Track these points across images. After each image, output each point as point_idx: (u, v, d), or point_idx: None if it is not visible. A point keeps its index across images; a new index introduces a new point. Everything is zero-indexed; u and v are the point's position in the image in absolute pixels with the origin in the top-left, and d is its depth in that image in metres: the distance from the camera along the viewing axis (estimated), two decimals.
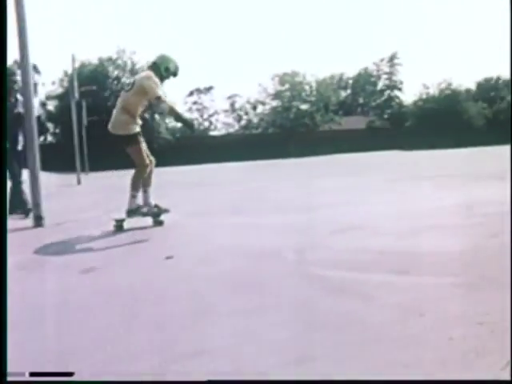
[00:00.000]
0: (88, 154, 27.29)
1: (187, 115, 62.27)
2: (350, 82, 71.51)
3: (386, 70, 67.92)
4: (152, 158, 6.46)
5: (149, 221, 6.25)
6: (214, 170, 25.27)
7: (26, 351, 2.46)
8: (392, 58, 66.79)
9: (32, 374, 2.19)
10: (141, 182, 6.28)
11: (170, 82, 6.46)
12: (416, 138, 50.61)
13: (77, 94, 24.32)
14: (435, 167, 17.25)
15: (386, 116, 61.80)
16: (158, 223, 6.27)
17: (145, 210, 6.31)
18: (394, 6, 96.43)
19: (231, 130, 59.75)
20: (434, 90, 57.49)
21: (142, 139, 6.29)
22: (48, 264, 4.54)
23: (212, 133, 60.02)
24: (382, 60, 67.33)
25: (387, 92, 66.74)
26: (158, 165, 6.61)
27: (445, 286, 3.10)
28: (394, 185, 10.28)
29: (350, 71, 70.90)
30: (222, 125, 60.98)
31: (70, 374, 2.20)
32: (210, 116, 62.22)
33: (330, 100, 54.96)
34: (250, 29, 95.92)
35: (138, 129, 6.27)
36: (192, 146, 44.08)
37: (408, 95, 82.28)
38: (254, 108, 59.15)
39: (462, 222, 5.33)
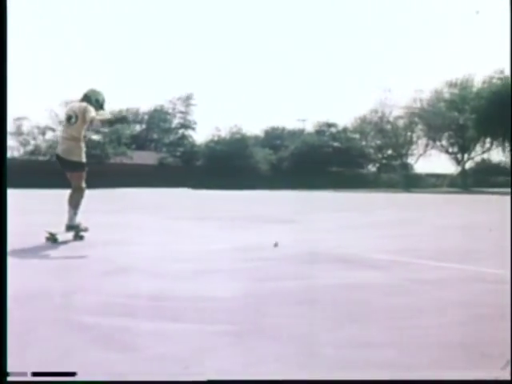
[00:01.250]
0: None
1: None
2: (146, 117, 71.78)
3: (182, 109, 69.48)
4: None
5: None
6: None
7: None
8: (188, 98, 68.57)
9: (34, 374, 2.24)
10: (81, 203, 7.29)
11: None
12: (206, 177, 52.08)
13: None
14: (222, 208, 17.73)
15: (178, 154, 62.79)
16: (79, 238, 7.22)
17: (83, 226, 7.30)
18: (193, 47, 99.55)
19: (16, 155, 55.88)
20: (225, 133, 59.88)
21: None
22: None
23: None
24: (178, 99, 68.81)
25: (181, 130, 68.21)
26: None
27: (217, 333, 3.03)
28: (177, 224, 10.22)
29: (146, 107, 71.22)
30: None
31: (73, 374, 2.24)
32: None
33: (123, 133, 54.33)
34: (40, 53, 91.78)
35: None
36: None
37: (201, 135, 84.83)
38: (43, 134, 56.24)
39: (240, 265, 5.39)
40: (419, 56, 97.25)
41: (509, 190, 49.26)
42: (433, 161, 64.95)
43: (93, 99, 7.37)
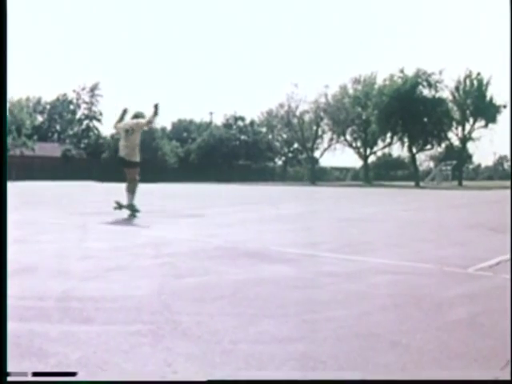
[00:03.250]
0: None
1: None
2: (48, 106, 69.19)
3: (87, 99, 67.38)
4: None
5: None
6: None
7: None
8: (93, 88, 66.61)
9: (34, 374, 2.22)
10: (136, 190, 10.49)
11: None
12: (112, 170, 50.80)
13: None
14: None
15: (82, 146, 60.92)
16: (134, 216, 10.02)
17: (136, 207, 10.22)
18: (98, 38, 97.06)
19: None
20: None
21: None
22: None
23: None
24: (83, 89, 66.67)
25: (86, 122, 66.08)
26: None
27: (132, 334, 2.94)
28: (81, 219, 9.79)
29: (48, 96, 68.61)
30: None
31: (73, 374, 2.23)
32: None
33: (23, 123, 51.99)
34: None
35: None
36: None
37: (106, 127, 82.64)
38: None
39: (149, 262, 5.30)
40: (328, 52, 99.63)
41: (407, 183, 51.57)
42: (337, 155, 66.91)
43: (140, 117, 11.30)
